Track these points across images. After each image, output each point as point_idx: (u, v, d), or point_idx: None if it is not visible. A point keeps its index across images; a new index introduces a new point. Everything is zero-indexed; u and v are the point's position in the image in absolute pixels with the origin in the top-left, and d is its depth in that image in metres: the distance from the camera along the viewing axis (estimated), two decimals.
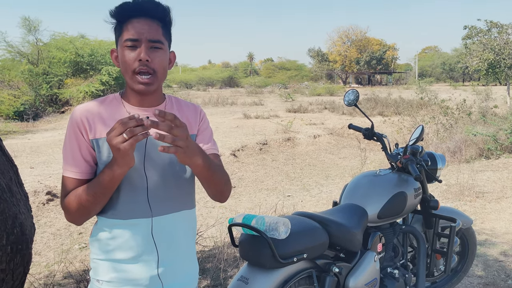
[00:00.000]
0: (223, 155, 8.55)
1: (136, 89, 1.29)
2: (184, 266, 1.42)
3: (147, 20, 1.27)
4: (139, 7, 1.27)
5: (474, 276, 3.26)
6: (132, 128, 1.10)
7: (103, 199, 1.26)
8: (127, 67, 1.28)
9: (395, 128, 10.79)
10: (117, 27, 1.31)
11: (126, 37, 1.27)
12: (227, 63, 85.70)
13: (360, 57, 59.48)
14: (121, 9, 1.28)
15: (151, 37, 1.27)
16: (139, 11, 1.27)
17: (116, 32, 1.32)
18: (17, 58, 19.20)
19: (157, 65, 1.29)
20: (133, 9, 1.27)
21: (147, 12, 1.27)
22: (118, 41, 1.32)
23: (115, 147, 1.12)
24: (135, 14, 1.27)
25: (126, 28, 1.27)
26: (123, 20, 1.29)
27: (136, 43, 1.26)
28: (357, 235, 2.11)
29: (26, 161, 7.75)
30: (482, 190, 5.71)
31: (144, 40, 1.26)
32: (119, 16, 1.29)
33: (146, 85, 1.28)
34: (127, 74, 1.29)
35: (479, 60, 16.20)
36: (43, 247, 4.35)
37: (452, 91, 18.70)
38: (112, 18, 1.31)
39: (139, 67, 1.26)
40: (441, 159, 2.68)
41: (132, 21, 1.27)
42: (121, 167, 1.18)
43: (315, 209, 5.51)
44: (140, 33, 1.26)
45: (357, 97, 2.63)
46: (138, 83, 1.28)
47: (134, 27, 1.26)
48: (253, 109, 18.33)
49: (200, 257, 3.61)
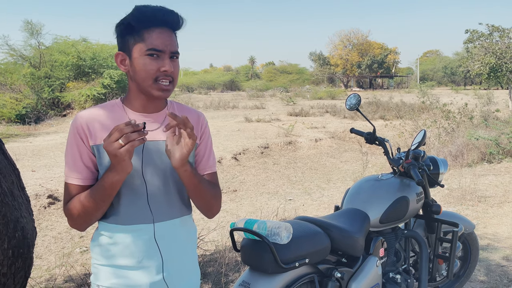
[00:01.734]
0: (225, 158, 8.55)
1: (155, 95, 1.30)
2: (187, 271, 1.43)
3: (169, 31, 1.29)
4: (164, 18, 1.27)
5: (476, 281, 3.24)
6: (128, 134, 1.11)
7: (103, 205, 1.26)
8: (147, 75, 1.28)
9: (396, 132, 10.78)
10: (133, 32, 1.27)
11: (150, 47, 1.26)
12: (228, 66, 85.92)
13: (362, 61, 59.54)
14: (143, 15, 1.26)
15: (173, 49, 1.30)
16: (163, 22, 1.28)
17: (132, 36, 1.28)
18: (19, 62, 19.25)
19: (175, 74, 1.32)
20: (158, 19, 1.27)
21: (170, 24, 1.30)
22: (133, 46, 1.28)
23: (111, 153, 1.13)
24: (159, 24, 1.27)
25: (150, 37, 1.26)
26: (142, 27, 1.26)
27: (160, 54, 1.27)
28: (359, 240, 2.10)
29: (27, 164, 7.76)
30: (484, 194, 5.69)
31: (168, 52, 1.28)
32: (139, 22, 1.26)
33: (167, 91, 1.31)
34: (146, 82, 1.28)
35: (481, 64, 16.21)
36: (44, 250, 4.34)
37: (453, 95, 18.71)
38: (130, 22, 1.27)
39: (162, 77, 1.28)
40: (443, 163, 2.68)
41: (155, 30, 1.26)
42: (119, 173, 1.19)
43: (316, 213, 5.50)
44: (165, 45, 1.27)
45: (359, 101, 2.63)
46: (159, 90, 1.29)
47: (160, 38, 1.27)
48: (255, 112, 18.34)
49: (201, 261, 3.61)
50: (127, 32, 1.29)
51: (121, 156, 1.13)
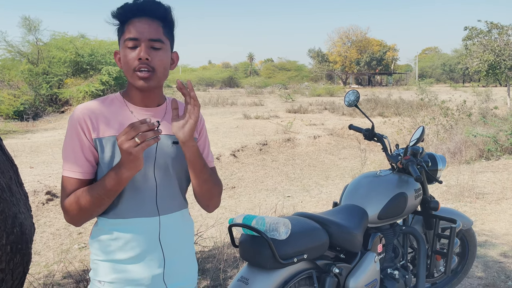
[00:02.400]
0: (223, 155, 8.55)
1: (137, 85, 1.30)
2: (186, 264, 1.43)
3: (147, 19, 1.28)
4: (139, 7, 1.27)
5: (474, 277, 3.26)
6: (144, 133, 1.11)
7: (107, 201, 1.25)
8: (128, 66, 1.28)
9: (395, 129, 10.79)
10: (120, 28, 1.32)
11: (126, 37, 1.27)
12: (227, 63, 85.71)
13: (360, 58, 59.49)
14: (122, 9, 1.28)
15: (151, 36, 1.27)
16: (140, 11, 1.27)
17: (119, 33, 1.33)
18: (17, 58, 19.20)
19: (157, 64, 1.29)
20: (134, 9, 1.27)
21: (148, 11, 1.28)
22: (120, 41, 1.32)
23: (126, 151, 1.13)
24: (136, 14, 1.27)
25: (127, 28, 1.28)
26: (124, 21, 1.29)
27: (136, 43, 1.27)
28: (357, 236, 2.11)
29: (25, 160, 7.75)
30: (482, 191, 5.71)
31: (144, 39, 1.26)
32: (120, 16, 1.30)
33: (145, 80, 1.28)
34: (128, 73, 1.30)
35: (480, 61, 16.22)
36: (43, 247, 4.34)
37: (452, 92, 18.70)
38: (114, 18, 1.31)
39: (139, 66, 1.27)
40: (441, 160, 2.68)
41: (133, 21, 1.27)
42: (129, 170, 1.18)
43: (315, 209, 5.51)
44: (140, 33, 1.26)
45: (357, 97, 2.64)
46: (138, 79, 1.28)
47: (135, 26, 1.27)
48: (253, 109, 18.33)
49: (199, 257, 3.61)
50: (118, 29, 1.33)
51: (136, 154, 1.13)
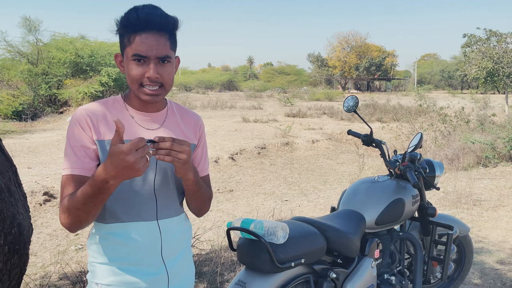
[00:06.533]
0: (221, 158, 8.55)
1: (143, 99, 1.29)
2: (184, 267, 1.44)
3: (155, 34, 1.24)
4: (147, 20, 1.22)
5: (470, 284, 3.26)
6: (148, 152, 1.11)
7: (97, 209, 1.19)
8: (133, 80, 1.27)
9: (393, 135, 10.81)
10: (124, 34, 1.27)
11: (134, 52, 1.23)
12: (226, 66, 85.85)
13: (360, 63, 59.64)
14: (128, 22, 1.24)
15: (160, 54, 1.24)
16: (148, 25, 1.23)
17: (123, 40, 1.28)
18: (17, 58, 19.21)
19: (166, 78, 1.28)
20: (141, 22, 1.22)
21: (156, 26, 1.24)
22: (124, 50, 1.29)
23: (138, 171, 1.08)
24: (144, 28, 1.23)
25: (134, 41, 1.23)
26: (131, 31, 1.24)
27: (144, 59, 1.24)
28: (354, 241, 2.12)
29: (23, 161, 7.73)
30: (479, 198, 5.72)
31: (153, 57, 1.24)
32: (126, 30, 1.25)
33: (154, 96, 1.28)
34: (134, 86, 1.28)
35: (478, 68, 16.30)
36: (39, 247, 4.33)
37: (450, 99, 18.78)
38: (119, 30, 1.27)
39: (147, 83, 1.26)
40: (439, 166, 2.69)
41: (140, 35, 1.23)
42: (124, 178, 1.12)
43: (312, 214, 5.51)
44: (149, 50, 1.23)
45: (356, 103, 2.65)
46: (145, 94, 1.28)
47: (143, 43, 1.23)
48: (252, 113, 18.34)
49: (197, 260, 3.61)
50: (121, 33, 1.28)
51: (143, 172, 1.10)
